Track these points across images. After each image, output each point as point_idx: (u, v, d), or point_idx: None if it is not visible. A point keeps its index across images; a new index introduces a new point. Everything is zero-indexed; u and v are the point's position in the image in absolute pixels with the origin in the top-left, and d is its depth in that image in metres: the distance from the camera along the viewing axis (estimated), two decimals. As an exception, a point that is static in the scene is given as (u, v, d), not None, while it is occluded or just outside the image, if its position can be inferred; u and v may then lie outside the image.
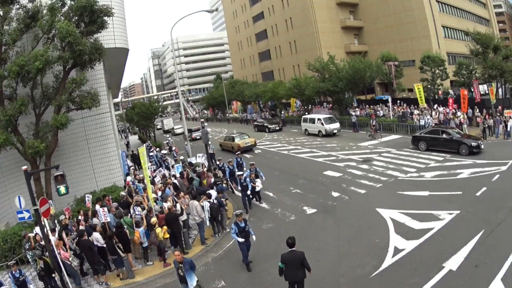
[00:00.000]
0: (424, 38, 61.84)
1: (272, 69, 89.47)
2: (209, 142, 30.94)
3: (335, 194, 22.19)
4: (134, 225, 17.18)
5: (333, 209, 19.94)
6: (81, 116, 24.34)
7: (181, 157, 33.92)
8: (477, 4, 77.96)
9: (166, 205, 18.01)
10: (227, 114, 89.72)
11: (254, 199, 22.92)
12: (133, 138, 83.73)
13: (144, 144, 19.92)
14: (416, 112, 40.90)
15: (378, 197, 20.66)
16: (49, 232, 15.40)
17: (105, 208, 18.02)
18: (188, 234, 18.74)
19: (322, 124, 43.20)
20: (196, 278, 11.91)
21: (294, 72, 75.76)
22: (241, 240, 14.45)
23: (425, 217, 16.92)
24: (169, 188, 22.16)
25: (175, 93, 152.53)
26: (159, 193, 21.33)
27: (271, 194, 24.16)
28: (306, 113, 55.81)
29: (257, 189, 22.19)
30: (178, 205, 18.16)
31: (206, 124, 30.74)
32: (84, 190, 23.62)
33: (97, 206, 18.52)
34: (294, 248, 11.40)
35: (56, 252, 14.71)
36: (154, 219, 16.54)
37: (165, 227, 16.50)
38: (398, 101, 49.70)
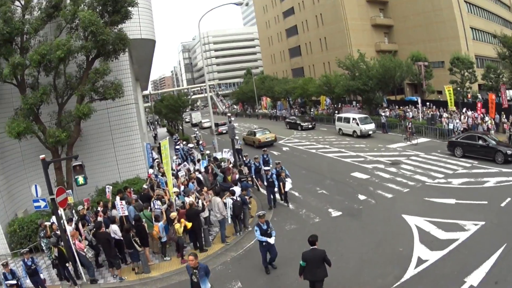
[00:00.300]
0: (453, 39, 60.37)
1: (303, 65, 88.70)
2: (236, 137, 30.82)
3: (361, 197, 21.59)
4: (154, 219, 16.93)
5: (359, 213, 19.46)
6: (105, 106, 24.13)
7: (207, 152, 33.58)
8: (503, 7, 75.55)
9: (188, 200, 17.59)
10: (256, 110, 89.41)
11: (283, 200, 22.34)
12: (162, 131, 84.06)
13: (167, 137, 19.57)
14: (445, 115, 39.69)
15: (404, 202, 19.97)
16: (65, 222, 15.34)
17: (123, 202, 17.74)
18: (209, 231, 18.42)
19: (358, 124, 40.94)
20: (210, 284, 11.40)
21: (324, 69, 74.94)
22: (271, 241, 13.92)
23: (451, 227, 16.19)
24: (192, 182, 21.79)
25: (205, 87, 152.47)
26: (182, 187, 20.91)
27: (296, 194, 23.66)
28: (336, 112, 55.15)
29: (287, 188, 21.51)
30: (200, 201, 17.80)
31: (233, 119, 30.14)
32: (106, 181, 23.59)
33: (117, 198, 18.27)
34: (315, 246, 11.33)
35: (71, 243, 14.66)
36: (173, 214, 16.23)
37: (183, 220, 16.16)
38: (428, 103, 48.48)
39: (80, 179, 16.07)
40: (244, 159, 27.29)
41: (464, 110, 40.32)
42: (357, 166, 28.37)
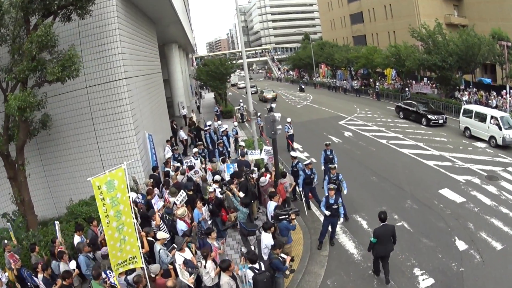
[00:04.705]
0: (528, 20, 50.63)
1: (365, 33, 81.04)
2: (288, 120, 26.67)
3: (460, 244, 14.38)
4: None
5: (460, 285, 12.02)
6: (84, 85, 17.62)
7: (241, 143, 24.03)
8: None
9: (180, 259, 10.78)
10: (314, 78, 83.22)
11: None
12: (209, 97, 76.17)
13: (123, 164, 11.63)
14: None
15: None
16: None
17: (44, 273, 10.98)
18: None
19: (500, 127, 26.25)
20: None
21: (389, 38, 67.70)
22: None
23: None
24: (207, 206, 14.50)
25: (260, 50, 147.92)
26: (182, 225, 12.92)
27: (364, 224, 16.62)
28: (405, 88, 49.03)
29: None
30: (208, 265, 10.37)
31: (273, 105, 19.29)
32: (87, 191, 16.83)
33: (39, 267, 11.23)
34: (386, 222, 11.54)
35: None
36: None
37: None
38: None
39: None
40: (292, 161, 18.70)
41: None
42: (445, 177, 21.58)
